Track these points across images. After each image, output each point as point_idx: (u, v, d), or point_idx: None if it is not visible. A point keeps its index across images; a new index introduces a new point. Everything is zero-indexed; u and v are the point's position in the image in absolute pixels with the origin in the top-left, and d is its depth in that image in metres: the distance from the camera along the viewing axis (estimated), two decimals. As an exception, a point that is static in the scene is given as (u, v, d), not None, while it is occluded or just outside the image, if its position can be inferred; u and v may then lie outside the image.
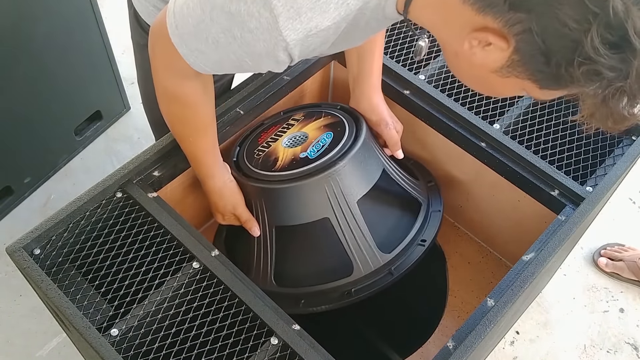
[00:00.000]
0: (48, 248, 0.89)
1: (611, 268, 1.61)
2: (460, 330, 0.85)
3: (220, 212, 1.03)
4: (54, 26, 1.48)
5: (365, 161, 1.02)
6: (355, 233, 0.98)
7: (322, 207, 0.98)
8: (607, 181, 1.02)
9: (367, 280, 0.97)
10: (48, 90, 1.57)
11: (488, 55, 0.62)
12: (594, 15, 0.55)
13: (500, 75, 0.63)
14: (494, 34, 0.60)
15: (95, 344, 0.79)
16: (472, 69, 0.66)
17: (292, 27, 0.65)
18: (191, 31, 0.71)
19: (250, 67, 0.74)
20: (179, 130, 0.94)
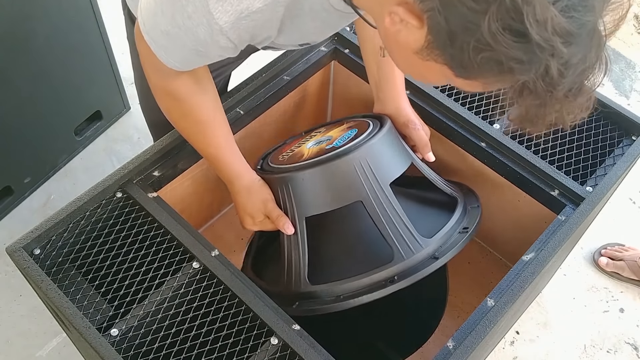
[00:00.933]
0: (48, 248, 0.89)
1: (611, 267, 1.61)
2: (460, 330, 0.85)
3: (250, 212, 0.95)
4: (54, 26, 1.48)
5: (393, 146, 0.97)
6: (392, 216, 0.91)
7: (354, 190, 0.91)
8: (607, 181, 1.02)
9: (410, 266, 0.89)
10: (48, 90, 1.57)
11: (409, 34, 0.58)
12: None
13: (421, 57, 0.59)
14: (408, 10, 0.56)
15: (95, 344, 0.79)
16: (399, 49, 0.62)
17: (223, 10, 0.64)
18: (153, 26, 0.71)
19: (209, 57, 0.74)
20: (184, 129, 0.92)
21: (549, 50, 0.50)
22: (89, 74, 1.67)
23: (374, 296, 0.88)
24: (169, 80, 0.83)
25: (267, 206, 0.94)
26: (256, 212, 0.95)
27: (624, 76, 2.14)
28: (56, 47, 1.52)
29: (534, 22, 0.48)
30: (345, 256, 0.99)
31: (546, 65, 0.51)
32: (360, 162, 0.91)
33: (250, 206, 0.95)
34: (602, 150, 1.09)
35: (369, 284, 0.90)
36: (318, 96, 1.32)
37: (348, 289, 0.90)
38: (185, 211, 1.13)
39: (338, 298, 0.90)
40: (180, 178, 1.05)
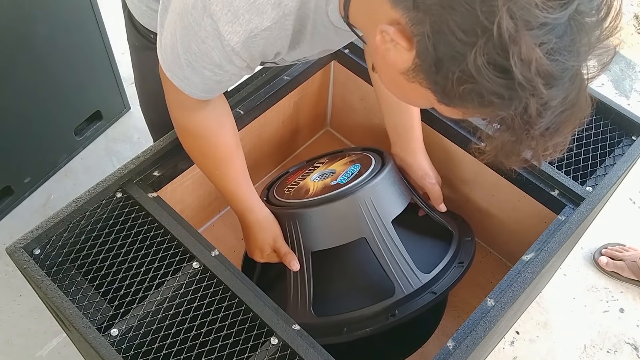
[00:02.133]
0: (48, 248, 0.89)
1: (611, 267, 1.61)
2: (460, 330, 0.85)
3: (260, 246, 1.00)
4: (54, 26, 1.48)
5: (395, 183, 1.02)
6: (394, 252, 0.97)
7: (358, 227, 0.97)
8: (607, 181, 1.02)
9: (410, 300, 0.95)
10: (48, 90, 1.57)
11: (398, 54, 0.58)
12: (483, 30, 0.49)
13: (407, 79, 0.59)
14: (399, 31, 0.56)
15: (95, 344, 0.79)
16: (386, 67, 0.63)
17: (233, 31, 0.66)
18: (171, 59, 0.73)
19: (228, 81, 0.76)
20: (203, 164, 0.95)
21: (530, 90, 0.51)
22: (89, 74, 1.67)
23: (375, 330, 0.94)
24: (192, 117, 0.85)
25: (276, 242, 1.00)
26: (266, 246, 1.00)
27: (624, 76, 2.14)
28: (56, 47, 1.52)
29: (519, 61, 0.49)
30: (348, 289, 1.03)
31: (526, 103, 0.52)
32: (365, 200, 0.96)
33: (261, 240, 1.00)
34: (602, 150, 1.09)
35: (370, 317, 0.95)
36: (318, 96, 1.32)
37: (350, 321, 0.96)
38: (185, 211, 1.13)
39: (341, 330, 0.95)
40: (180, 178, 1.05)
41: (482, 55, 0.50)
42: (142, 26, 0.99)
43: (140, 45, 1.03)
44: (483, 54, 0.50)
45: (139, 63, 1.10)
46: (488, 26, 0.49)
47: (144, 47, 1.02)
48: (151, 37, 0.99)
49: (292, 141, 1.37)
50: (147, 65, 1.05)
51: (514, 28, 0.48)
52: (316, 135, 1.46)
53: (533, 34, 0.49)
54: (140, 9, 0.97)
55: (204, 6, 0.65)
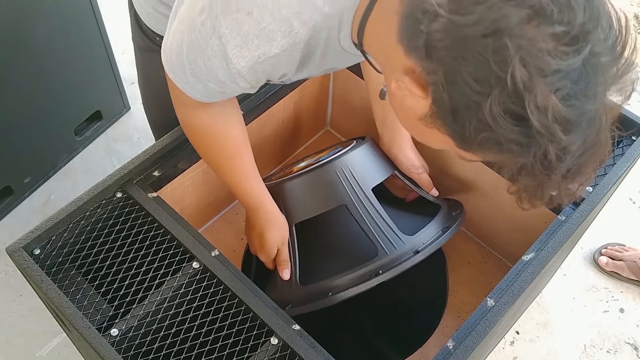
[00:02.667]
0: (48, 248, 0.89)
1: (611, 267, 1.61)
2: (460, 330, 0.85)
3: (268, 245, 0.99)
4: (53, 26, 1.48)
5: (374, 156, 1.05)
6: (375, 217, 0.98)
7: (337, 194, 0.99)
8: (607, 181, 1.02)
9: (394, 261, 0.95)
10: (48, 90, 1.57)
11: (414, 101, 0.58)
12: (497, 80, 0.49)
13: (425, 124, 0.59)
14: (414, 80, 0.56)
15: (95, 344, 0.79)
16: (403, 112, 0.64)
17: (241, 55, 0.66)
18: (176, 64, 0.73)
19: (232, 93, 0.77)
20: (211, 161, 0.94)
21: (548, 137, 0.51)
22: (89, 74, 1.68)
23: (359, 289, 0.93)
24: (196, 113, 0.84)
25: (283, 244, 1.00)
26: (274, 246, 0.99)
27: (624, 76, 2.14)
28: (56, 47, 1.52)
29: (535, 109, 0.49)
30: (332, 257, 1.05)
31: (545, 149, 0.52)
32: (342, 169, 1.00)
33: (270, 239, 0.99)
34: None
35: (355, 279, 0.95)
36: (318, 96, 1.32)
37: (336, 286, 0.95)
38: (185, 211, 1.13)
39: (327, 295, 0.95)
40: (180, 178, 1.05)
41: (497, 104, 0.50)
42: (148, 28, 0.99)
43: (145, 46, 1.03)
44: (498, 104, 0.50)
45: (143, 64, 1.10)
46: (502, 76, 0.49)
47: (149, 48, 1.02)
48: (157, 39, 0.99)
49: (292, 141, 1.37)
50: (151, 66, 1.05)
51: (527, 77, 0.48)
52: (316, 135, 1.46)
53: (547, 81, 0.48)
54: (147, 11, 0.97)
55: (213, 27, 0.64)
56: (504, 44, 0.48)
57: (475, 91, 0.51)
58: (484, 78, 0.50)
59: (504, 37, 0.48)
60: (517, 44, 0.48)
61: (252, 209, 0.98)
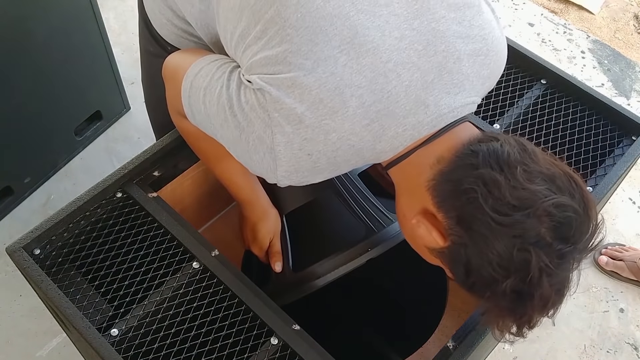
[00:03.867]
0: (48, 248, 0.89)
1: (611, 267, 1.61)
2: (460, 330, 0.85)
3: (261, 238, 1.01)
4: (54, 26, 1.48)
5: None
6: (363, 199, 1.01)
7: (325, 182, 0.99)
8: (607, 181, 1.02)
9: (382, 238, 0.98)
10: (48, 90, 1.57)
11: (427, 235, 0.68)
12: (516, 270, 0.62)
13: (430, 252, 0.71)
14: (437, 228, 0.67)
15: (95, 344, 0.79)
16: (413, 235, 0.74)
17: (287, 177, 0.71)
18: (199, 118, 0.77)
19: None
20: (206, 160, 0.96)
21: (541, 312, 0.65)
22: (89, 74, 1.67)
23: (349, 266, 0.96)
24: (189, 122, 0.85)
25: (275, 237, 1.02)
26: (266, 238, 1.01)
27: (624, 76, 2.14)
28: (56, 47, 1.52)
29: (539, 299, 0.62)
30: (324, 243, 1.05)
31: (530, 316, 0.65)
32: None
33: (263, 232, 1.01)
34: (602, 150, 1.09)
35: (345, 260, 0.97)
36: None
37: (327, 268, 0.97)
38: (185, 211, 1.13)
39: (318, 278, 0.97)
40: (180, 178, 1.04)
41: (510, 287, 0.62)
42: (160, 36, 0.99)
43: (154, 51, 1.02)
44: (511, 286, 0.62)
45: (151, 68, 1.09)
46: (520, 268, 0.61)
47: (158, 54, 1.01)
48: (168, 48, 0.99)
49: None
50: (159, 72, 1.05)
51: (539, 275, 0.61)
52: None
53: (551, 279, 0.62)
54: (161, 20, 0.96)
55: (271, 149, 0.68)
56: (527, 247, 0.61)
57: (495, 271, 0.63)
58: (505, 265, 0.62)
59: (528, 242, 0.61)
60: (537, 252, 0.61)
61: (247, 202, 1.00)
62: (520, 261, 0.61)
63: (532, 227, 0.61)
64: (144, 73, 1.12)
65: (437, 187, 0.68)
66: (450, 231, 0.66)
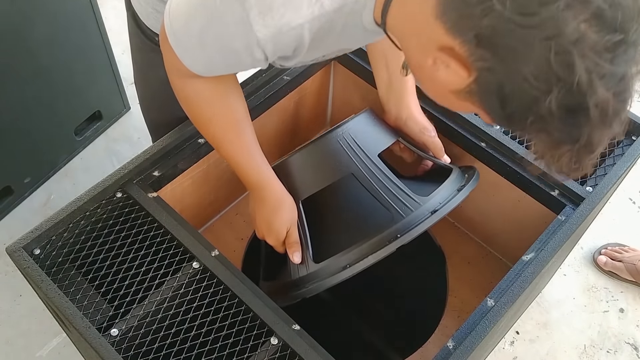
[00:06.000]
0: (48, 248, 0.89)
1: (610, 267, 1.61)
2: (460, 330, 0.85)
3: (276, 228, 0.92)
4: (53, 26, 1.48)
5: (375, 123, 1.00)
6: (386, 182, 0.92)
7: (343, 164, 0.94)
8: (607, 181, 1.02)
9: (411, 223, 0.89)
10: (48, 91, 1.57)
11: (449, 75, 0.60)
12: (557, 80, 0.53)
13: (457, 97, 0.62)
14: (457, 60, 0.58)
15: (95, 344, 0.79)
16: (433, 83, 0.65)
17: (264, 23, 0.64)
18: (181, 30, 0.70)
19: (237, 68, 0.73)
20: (210, 133, 0.88)
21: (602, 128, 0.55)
22: (89, 74, 1.68)
23: (379, 255, 0.87)
24: (192, 81, 0.80)
25: (292, 227, 0.93)
26: (283, 229, 0.92)
27: (624, 76, 2.14)
28: (56, 47, 1.52)
29: (594, 106, 0.53)
30: (345, 230, 0.98)
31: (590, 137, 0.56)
32: (344, 137, 0.95)
33: (278, 220, 0.92)
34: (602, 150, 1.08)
35: (372, 248, 0.88)
36: (318, 96, 1.32)
37: (353, 258, 0.89)
38: (185, 211, 1.13)
39: (345, 268, 0.88)
40: (180, 178, 1.05)
41: (556, 101, 0.53)
42: (147, 28, 0.99)
43: (143, 46, 1.02)
44: (557, 101, 0.53)
45: (142, 64, 1.09)
46: (562, 77, 0.52)
47: (147, 48, 1.01)
48: (156, 39, 0.98)
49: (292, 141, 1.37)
50: (150, 67, 1.05)
51: (588, 79, 0.52)
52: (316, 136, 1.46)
53: (604, 82, 0.52)
54: (147, 10, 0.96)
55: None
56: (566, 48, 0.51)
57: (534, 87, 0.53)
58: (544, 77, 0.53)
59: (566, 41, 0.51)
60: (579, 49, 0.51)
61: (257, 187, 0.91)
62: (561, 66, 0.52)
63: (567, 21, 0.51)
64: (136, 71, 1.12)
65: (445, 10, 0.57)
66: (473, 58, 0.56)
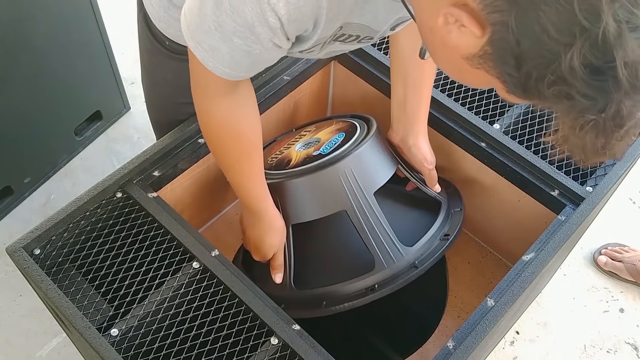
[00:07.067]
0: (48, 248, 0.89)
1: (610, 267, 1.61)
2: (460, 330, 0.85)
3: (265, 249, 0.98)
4: (53, 26, 1.48)
5: (379, 153, 1.00)
6: (375, 225, 0.94)
7: (338, 200, 0.95)
8: (607, 181, 1.02)
9: (391, 275, 0.92)
10: (48, 90, 1.57)
11: (462, 37, 0.53)
12: (582, 30, 0.46)
13: (471, 64, 0.55)
14: (470, 15, 0.51)
15: (95, 344, 0.79)
16: (445, 49, 0.58)
17: None
18: (197, 22, 0.69)
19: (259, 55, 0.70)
20: (222, 158, 0.90)
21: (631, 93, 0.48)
22: (89, 74, 1.67)
23: (355, 304, 0.92)
24: (216, 101, 0.81)
25: (279, 249, 0.99)
26: (271, 251, 0.98)
27: (624, 76, 2.14)
28: (56, 47, 1.52)
29: (623, 65, 0.46)
30: (329, 263, 1.02)
31: (619, 105, 0.49)
32: (345, 171, 0.95)
33: (269, 244, 0.98)
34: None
35: (351, 292, 0.94)
36: (318, 96, 1.32)
37: (331, 296, 0.94)
38: (185, 211, 1.13)
39: (321, 304, 0.94)
40: (180, 178, 1.05)
41: (579, 57, 0.46)
42: (159, 31, 0.98)
43: (153, 49, 1.02)
44: (580, 56, 0.46)
45: (150, 66, 1.08)
46: (587, 26, 0.45)
47: (157, 51, 1.01)
48: (165, 43, 0.98)
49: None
50: (158, 69, 1.04)
51: (617, 30, 0.45)
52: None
53: (636, 36, 0.45)
54: (159, 13, 0.96)
55: None
56: None
57: (553, 40, 0.47)
58: (566, 27, 0.46)
59: None
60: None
61: (254, 212, 0.96)
62: (586, 14, 0.45)
63: None
64: (143, 71, 1.12)
65: None
66: (487, 10, 0.50)
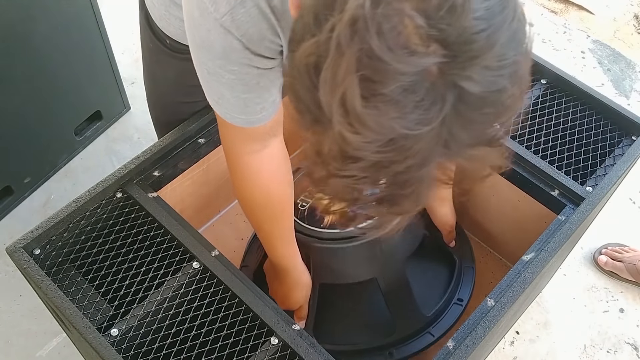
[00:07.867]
0: (48, 248, 0.89)
1: (610, 267, 1.61)
2: (460, 330, 0.85)
3: (292, 303, 1.00)
4: (53, 26, 1.48)
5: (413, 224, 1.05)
6: (400, 293, 1.00)
7: (371, 268, 0.99)
8: (607, 181, 1.02)
9: (408, 341, 0.99)
10: (48, 91, 1.57)
11: None
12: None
13: None
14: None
15: (95, 344, 0.79)
16: None
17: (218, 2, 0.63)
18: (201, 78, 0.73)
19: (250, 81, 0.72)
20: (253, 217, 0.91)
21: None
22: (89, 74, 1.67)
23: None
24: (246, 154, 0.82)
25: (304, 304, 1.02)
26: (295, 303, 1.01)
27: (624, 76, 2.14)
28: (56, 47, 1.52)
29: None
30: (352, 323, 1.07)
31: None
32: (382, 243, 0.98)
33: (295, 299, 1.00)
34: (602, 150, 1.09)
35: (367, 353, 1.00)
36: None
37: (348, 354, 1.00)
38: (185, 211, 1.13)
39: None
40: (180, 178, 1.04)
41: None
42: (160, 30, 0.98)
43: (154, 47, 1.02)
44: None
45: (150, 64, 1.09)
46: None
47: (158, 50, 1.01)
48: (167, 42, 0.98)
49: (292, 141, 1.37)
50: (159, 68, 1.05)
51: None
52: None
53: None
54: (160, 12, 0.96)
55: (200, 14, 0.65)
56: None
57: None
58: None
59: None
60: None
61: (282, 269, 0.98)
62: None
63: None
64: (145, 70, 1.12)
65: None
66: None
